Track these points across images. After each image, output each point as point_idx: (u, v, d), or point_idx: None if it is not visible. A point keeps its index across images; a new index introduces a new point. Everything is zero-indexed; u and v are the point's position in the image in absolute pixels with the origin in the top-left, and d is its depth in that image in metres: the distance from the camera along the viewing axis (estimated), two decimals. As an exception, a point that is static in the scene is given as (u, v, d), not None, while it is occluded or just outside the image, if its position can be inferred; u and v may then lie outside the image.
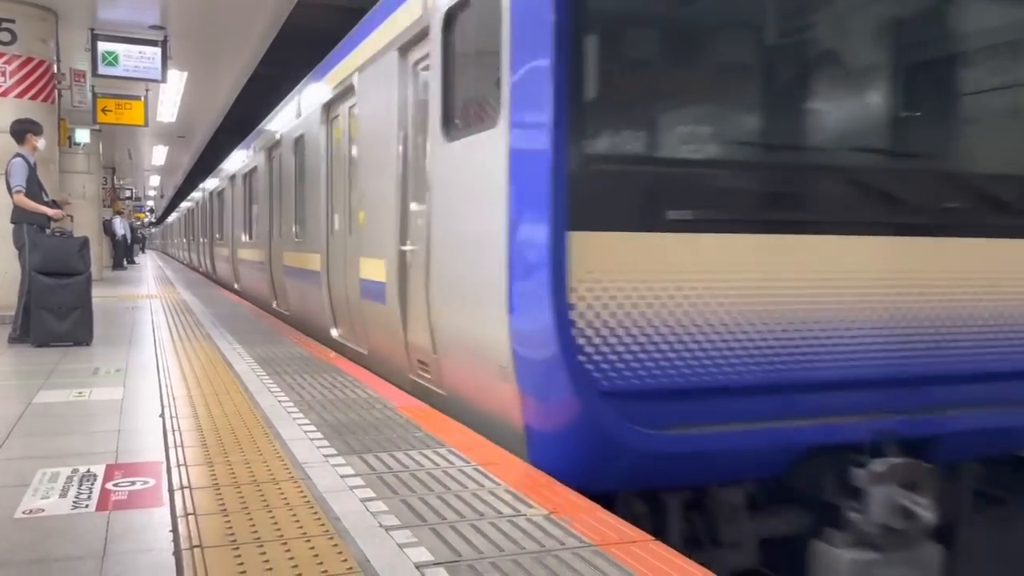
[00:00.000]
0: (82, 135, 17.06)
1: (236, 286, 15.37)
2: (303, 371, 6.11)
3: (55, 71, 10.82)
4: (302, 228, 9.12)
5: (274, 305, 11.06)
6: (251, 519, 2.86)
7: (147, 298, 13.49)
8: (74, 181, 17.64)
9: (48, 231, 7.79)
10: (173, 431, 4.16)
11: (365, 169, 6.40)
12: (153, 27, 11.79)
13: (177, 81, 14.97)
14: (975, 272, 3.87)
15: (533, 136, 3.45)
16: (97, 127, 17.05)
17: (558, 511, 2.97)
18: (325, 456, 3.70)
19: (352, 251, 6.73)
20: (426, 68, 4.97)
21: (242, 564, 2.46)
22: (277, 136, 10.51)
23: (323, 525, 2.81)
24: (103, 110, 14.99)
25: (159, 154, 26.47)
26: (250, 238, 13.31)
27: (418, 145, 5.27)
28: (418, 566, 2.46)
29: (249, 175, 13.39)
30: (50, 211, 7.97)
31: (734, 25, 3.92)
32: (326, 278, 7.80)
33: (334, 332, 7.68)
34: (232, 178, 15.63)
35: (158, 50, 11.97)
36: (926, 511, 3.30)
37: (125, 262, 25.61)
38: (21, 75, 10.15)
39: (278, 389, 5.36)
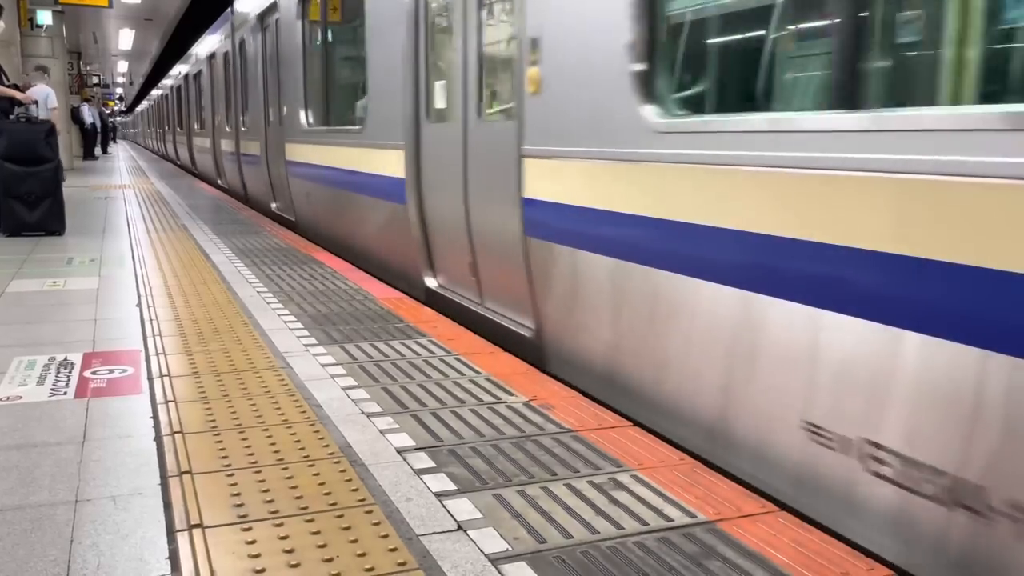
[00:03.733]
0: (44, 16, 16.26)
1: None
2: (282, 262, 6.04)
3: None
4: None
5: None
6: (232, 406, 2.86)
7: (119, 188, 13.21)
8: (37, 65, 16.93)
9: (12, 117, 7.51)
10: (151, 320, 4.13)
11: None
12: None
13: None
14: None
15: None
16: (59, 8, 16.23)
17: (538, 398, 3.00)
18: (306, 346, 3.69)
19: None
20: None
21: (223, 449, 2.47)
22: None
23: (304, 412, 2.82)
24: (65, -11, 14.25)
25: (126, 38, 25.41)
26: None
27: None
28: (400, 451, 2.48)
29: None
30: (18, 95, 7.67)
31: None
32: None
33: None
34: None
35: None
36: None
37: (97, 152, 24.94)
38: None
39: (257, 280, 5.31)
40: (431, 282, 5.10)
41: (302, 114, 7.90)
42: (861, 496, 2.16)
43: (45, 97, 11.07)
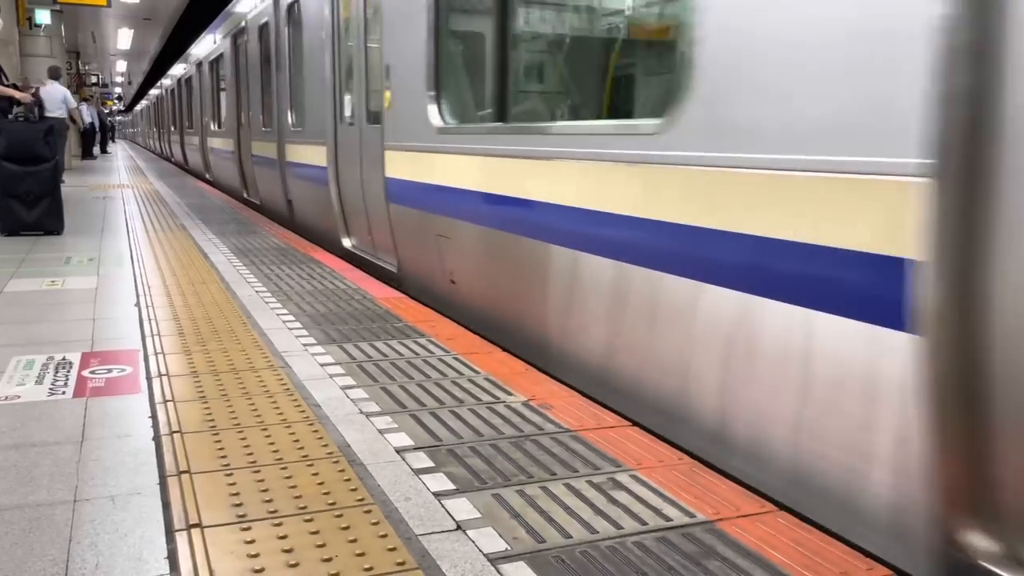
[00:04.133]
0: (42, 15, 16.26)
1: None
2: (280, 262, 6.04)
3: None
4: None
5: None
6: (230, 406, 2.86)
7: (118, 188, 13.20)
8: (36, 65, 16.93)
9: (11, 116, 7.51)
10: (149, 320, 4.12)
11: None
12: None
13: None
14: None
15: None
16: (58, 7, 16.24)
17: (537, 398, 3.00)
18: (304, 345, 3.69)
19: None
20: None
21: (222, 449, 2.47)
22: None
23: (303, 412, 2.82)
24: (64, -12, 14.24)
25: (124, 37, 25.40)
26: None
27: None
28: (399, 450, 2.48)
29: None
30: (17, 94, 7.67)
31: None
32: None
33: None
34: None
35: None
36: None
37: (95, 151, 24.92)
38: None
39: (255, 280, 5.31)
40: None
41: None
42: None
43: (63, 98, 12.18)
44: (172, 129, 23.53)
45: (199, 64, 16.02)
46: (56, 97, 12.66)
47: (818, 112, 2.17)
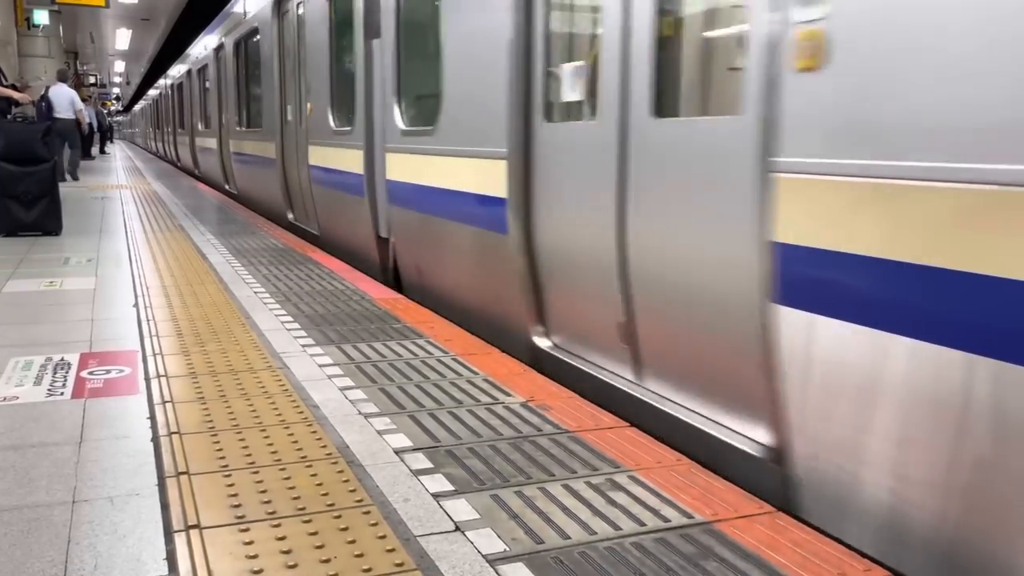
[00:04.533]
0: (40, 16, 16.25)
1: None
2: (279, 263, 6.04)
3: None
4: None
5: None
6: (229, 407, 2.86)
7: (116, 188, 13.19)
8: (34, 65, 16.93)
9: (9, 116, 7.50)
10: (148, 320, 4.12)
11: None
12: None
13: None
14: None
15: None
16: (56, 8, 16.22)
17: (535, 399, 3.00)
18: (303, 346, 3.69)
19: None
20: None
21: (221, 450, 2.47)
22: None
23: (302, 413, 2.82)
24: (62, -12, 14.23)
25: (123, 38, 25.39)
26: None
27: None
28: (397, 451, 2.49)
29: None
30: (16, 94, 7.67)
31: None
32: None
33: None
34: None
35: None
36: None
37: (94, 152, 24.89)
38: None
39: (253, 280, 5.31)
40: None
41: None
42: None
43: (71, 100, 12.96)
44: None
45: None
46: (64, 99, 13.44)
47: None
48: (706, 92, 3.03)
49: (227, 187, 13.17)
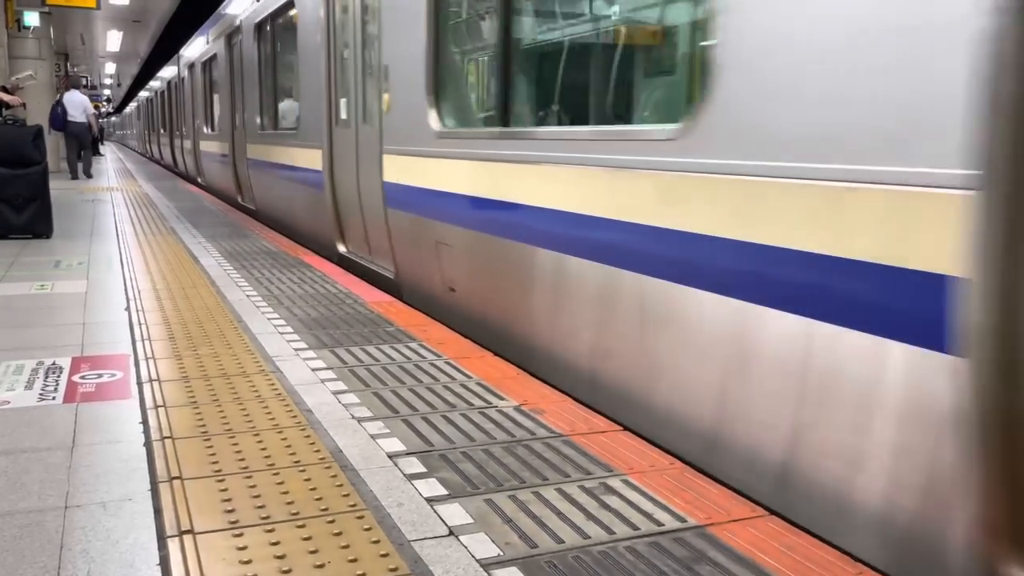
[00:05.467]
0: (31, 18, 16.18)
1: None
2: (271, 266, 6.03)
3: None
4: None
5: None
6: (222, 411, 2.85)
7: (108, 191, 13.14)
8: (25, 67, 16.84)
9: (0, 119, 7.47)
10: (140, 324, 4.11)
11: None
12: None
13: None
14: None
15: None
16: (47, 9, 16.15)
17: (528, 403, 3.00)
18: (296, 350, 3.69)
19: None
20: None
21: (214, 454, 2.46)
22: None
23: (295, 417, 2.81)
24: (52, -10, 14.20)
25: (114, 40, 25.30)
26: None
27: None
28: (391, 456, 2.49)
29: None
30: (7, 97, 7.63)
31: None
32: None
33: None
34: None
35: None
36: None
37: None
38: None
39: (246, 284, 5.30)
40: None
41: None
42: None
43: (84, 106, 14.26)
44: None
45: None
46: (78, 104, 15.10)
47: None
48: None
49: (241, 201, 11.19)
